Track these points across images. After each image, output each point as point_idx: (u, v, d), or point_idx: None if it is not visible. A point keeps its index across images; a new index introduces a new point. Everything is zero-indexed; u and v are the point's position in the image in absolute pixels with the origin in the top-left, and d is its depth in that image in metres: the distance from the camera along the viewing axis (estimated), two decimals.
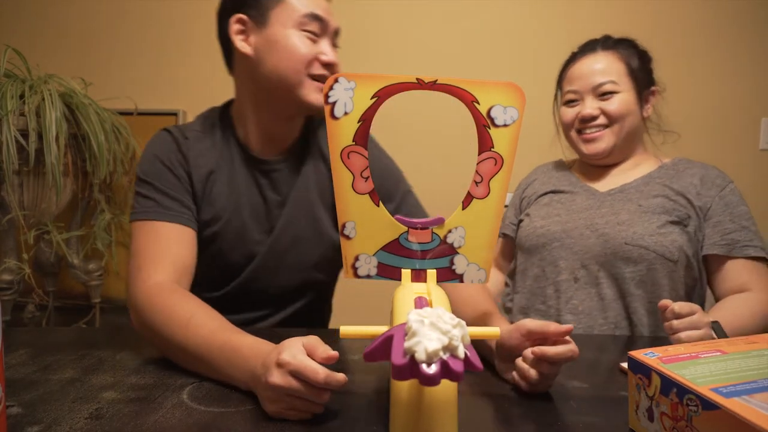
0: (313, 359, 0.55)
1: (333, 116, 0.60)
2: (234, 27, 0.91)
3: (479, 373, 0.52)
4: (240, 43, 0.91)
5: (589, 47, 1.11)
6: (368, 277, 0.64)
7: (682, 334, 0.76)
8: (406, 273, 0.62)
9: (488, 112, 0.60)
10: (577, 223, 1.07)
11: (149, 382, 0.68)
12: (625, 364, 0.70)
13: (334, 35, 0.92)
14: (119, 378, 0.69)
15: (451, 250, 0.63)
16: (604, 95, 1.05)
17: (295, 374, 0.55)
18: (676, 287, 1.02)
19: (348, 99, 0.59)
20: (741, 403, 0.42)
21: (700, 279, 1.07)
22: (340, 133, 0.60)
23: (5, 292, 1.66)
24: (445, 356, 0.38)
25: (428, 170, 1.98)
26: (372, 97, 0.59)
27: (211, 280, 0.97)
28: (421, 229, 0.62)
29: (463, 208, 0.62)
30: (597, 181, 1.14)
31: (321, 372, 0.54)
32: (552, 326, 0.62)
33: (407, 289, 0.58)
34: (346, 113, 0.60)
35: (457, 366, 0.38)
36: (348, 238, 0.63)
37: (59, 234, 1.76)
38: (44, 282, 1.92)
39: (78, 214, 1.90)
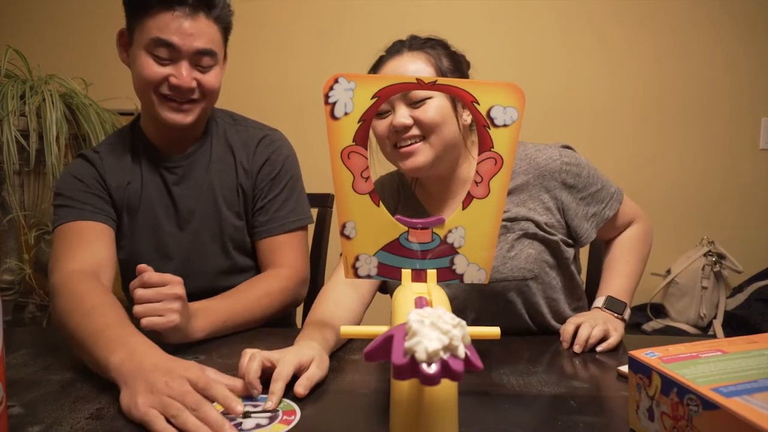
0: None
1: (333, 116, 0.60)
2: (118, 39, 0.98)
3: (479, 372, 0.52)
4: (121, 54, 0.99)
5: (394, 49, 0.98)
6: (368, 277, 0.64)
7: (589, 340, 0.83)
8: (406, 273, 0.62)
9: (488, 113, 0.60)
10: None
11: None
12: (623, 368, 0.70)
13: (199, 55, 0.93)
14: None
15: (452, 250, 0.63)
16: (416, 103, 0.90)
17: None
18: (555, 284, 1.00)
19: (348, 99, 0.59)
20: (741, 403, 0.42)
21: (576, 257, 1.06)
22: (340, 133, 0.60)
23: (6, 292, 1.66)
24: (446, 356, 0.38)
25: None
26: (372, 98, 0.59)
27: None
28: (422, 229, 0.62)
29: (463, 208, 0.62)
30: (438, 208, 1.01)
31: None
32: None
33: (407, 289, 0.58)
34: (346, 113, 0.60)
35: (458, 366, 0.38)
36: (348, 238, 0.63)
37: None
38: (45, 282, 1.91)
39: None
